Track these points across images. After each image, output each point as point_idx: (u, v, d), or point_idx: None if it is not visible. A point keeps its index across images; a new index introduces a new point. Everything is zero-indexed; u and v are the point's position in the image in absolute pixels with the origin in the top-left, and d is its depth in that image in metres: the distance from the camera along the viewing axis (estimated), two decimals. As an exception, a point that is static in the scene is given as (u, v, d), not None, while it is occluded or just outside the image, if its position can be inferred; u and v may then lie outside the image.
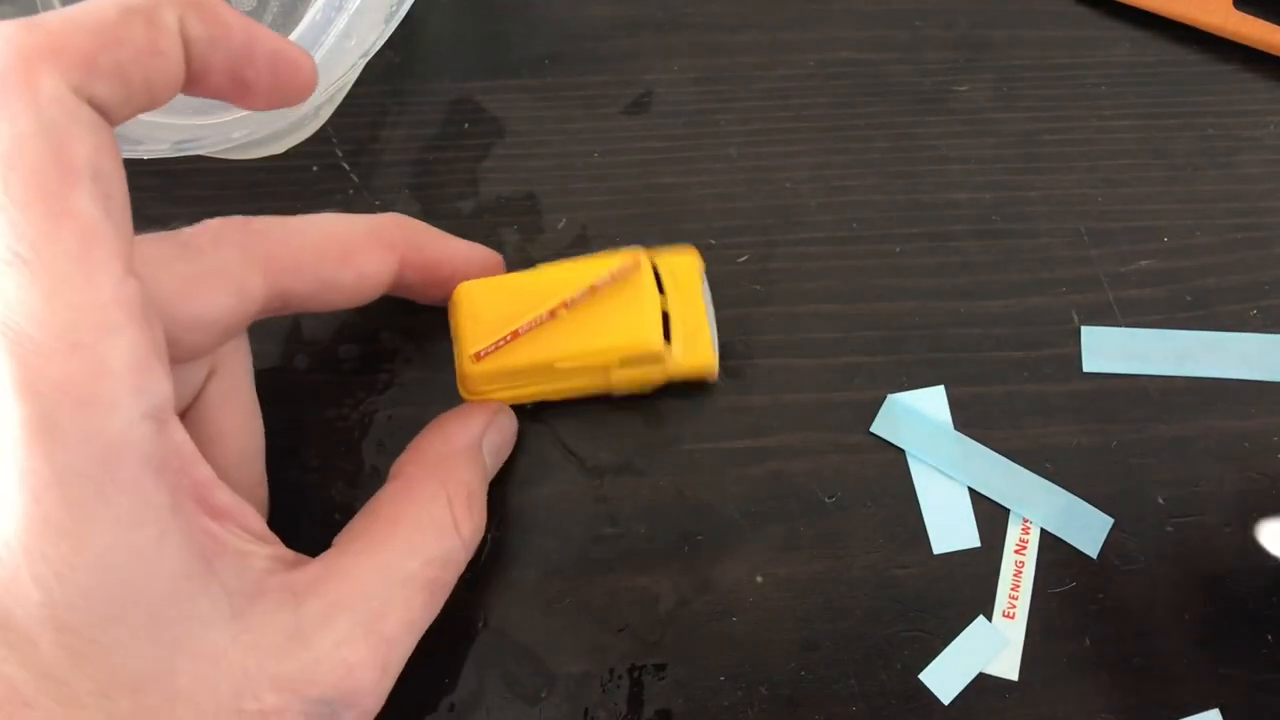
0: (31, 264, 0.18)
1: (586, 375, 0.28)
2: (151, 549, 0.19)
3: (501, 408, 0.28)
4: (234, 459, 0.26)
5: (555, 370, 0.27)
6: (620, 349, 0.27)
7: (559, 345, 0.27)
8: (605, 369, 0.27)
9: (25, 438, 0.18)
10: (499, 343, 0.27)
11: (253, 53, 0.22)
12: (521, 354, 0.27)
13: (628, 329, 0.27)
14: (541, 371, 0.27)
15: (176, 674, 0.19)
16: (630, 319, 0.27)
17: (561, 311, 0.27)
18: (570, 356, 0.27)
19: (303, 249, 0.26)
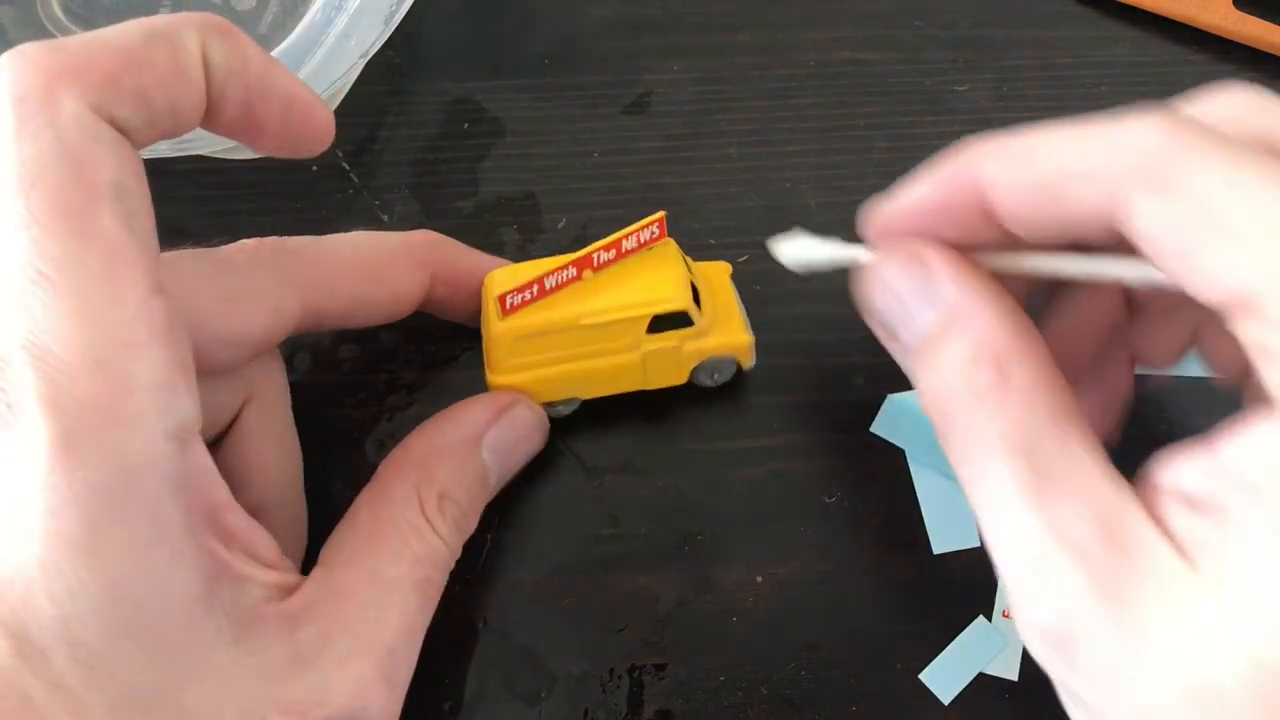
0: (56, 282, 0.18)
1: (616, 342, 0.27)
2: (164, 569, 0.19)
3: (518, 401, 0.28)
4: (273, 485, 0.27)
5: (584, 332, 0.27)
6: (648, 305, 0.27)
7: (587, 304, 0.27)
8: (636, 340, 0.27)
9: (48, 454, 0.18)
10: (526, 287, 0.26)
11: (268, 89, 0.22)
12: (549, 313, 0.27)
13: (656, 287, 0.27)
14: (570, 337, 0.27)
15: (184, 694, 0.20)
16: (658, 280, 0.27)
17: (588, 273, 0.27)
18: (598, 312, 0.27)
19: (337, 269, 0.26)
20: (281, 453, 0.27)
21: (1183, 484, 0.19)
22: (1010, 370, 0.21)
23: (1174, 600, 0.18)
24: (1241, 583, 0.18)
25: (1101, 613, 0.19)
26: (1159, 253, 0.19)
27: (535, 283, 0.26)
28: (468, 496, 0.26)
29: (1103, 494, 0.19)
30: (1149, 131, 0.19)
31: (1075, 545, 0.19)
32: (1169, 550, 0.18)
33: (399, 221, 0.33)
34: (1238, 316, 0.18)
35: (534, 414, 0.28)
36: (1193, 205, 0.19)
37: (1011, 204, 0.21)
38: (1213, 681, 0.18)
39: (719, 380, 0.29)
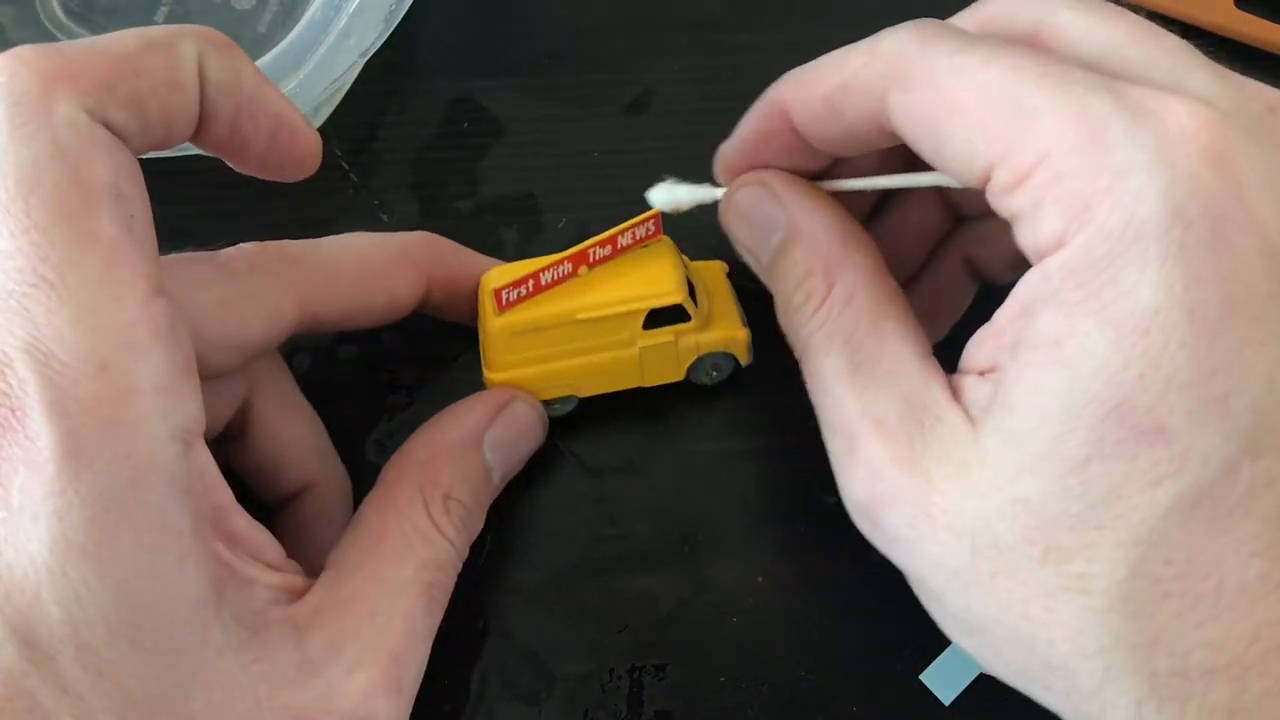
0: (57, 286, 0.18)
1: (613, 337, 0.27)
2: (170, 573, 0.19)
3: (516, 397, 0.28)
4: (311, 459, 0.27)
5: (580, 327, 0.27)
6: (644, 299, 0.27)
7: (583, 299, 0.27)
8: (632, 335, 0.27)
9: (53, 458, 0.18)
10: (521, 283, 0.26)
11: (257, 108, 0.22)
12: (544, 308, 0.27)
13: (652, 282, 0.27)
14: (566, 332, 0.27)
15: (190, 700, 0.20)
16: (654, 275, 0.27)
17: (584, 269, 0.27)
18: (593, 307, 0.27)
19: (335, 274, 0.26)
20: (305, 427, 0.28)
21: (975, 358, 0.21)
22: (836, 276, 0.23)
23: (958, 461, 0.20)
24: (1004, 429, 0.19)
25: (899, 480, 0.21)
26: (916, 144, 0.21)
27: (531, 278, 0.26)
28: (472, 496, 0.26)
29: (910, 377, 0.22)
30: (897, 38, 0.22)
31: (880, 421, 0.21)
32: (960, 418, 0.21)
33: (399, 222, 0.33)
34: (988, 191, 0.20)
35: (533, 410, 0.28)
36: (929, 94, 0.21)
37: (805, 121, 0.24)
38: (989, 529, 0.19)
39: (717, 378, 0.29)
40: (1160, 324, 0.18)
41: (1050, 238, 0.19)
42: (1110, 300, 0.18)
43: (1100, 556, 0.18)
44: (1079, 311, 0.18)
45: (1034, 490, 0.19)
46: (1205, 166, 0.18)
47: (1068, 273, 0.18)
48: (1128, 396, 0.18)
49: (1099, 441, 0.18)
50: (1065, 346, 0.18)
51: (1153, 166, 0.18)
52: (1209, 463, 0.18)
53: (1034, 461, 0.19)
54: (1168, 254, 0.18)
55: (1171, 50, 0.21)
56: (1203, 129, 0.18)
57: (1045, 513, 0.19)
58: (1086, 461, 0.18)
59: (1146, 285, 0.18)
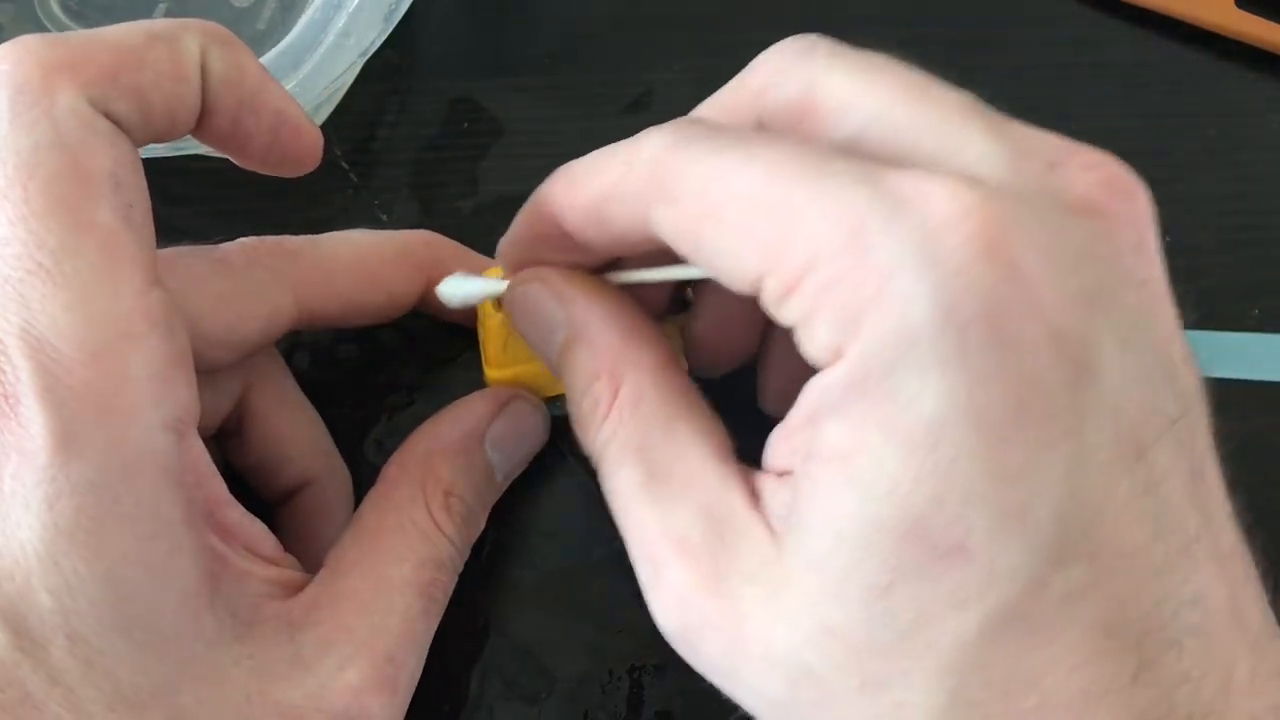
0: (53, 274, 0.18)
1: None
2: (162, 563, 0.19)
3: (518, 395, 0.27)
4: (311, 453, 0.27)
5: None
6: None
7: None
8: None
9: (45, 445, 0.18)
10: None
11: (259, 104, 0.22)
12: None
13: None
14: None
15: (180, 693, 0.20)
16: None
17: None
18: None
19: (334, 272, 0.26)
20: (304, 423, 0.27)
21: (773, 458, 0.20)
22: (622, 377, 0.22)
23: (764, 582, 0.19)
24: (804, 551, 0.18)
25: (707, 606, 0.19)
26: (687, 257, 0.20)
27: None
28: (474, 494, 0.26)
29: (709, 485, 0.20)
30: (654, 144, 0.20)
31: (682, 541, 0.20)
32: (763, 531, 0.19)
33: (398, 221, 0.33)
34: (761, 302, 0.19)
35: (534, 408, 0.28)
36: (688, 205, 0.19)
37: (574, 228, 0.22)
38: (801, 660, 0.18)
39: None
40: (948, 436, 0.16)
41: (826, 349, 0.18)
42: (894, 413, 0.17)
43: (916, 684, 0.17)
44: (863, 425, 0.17)
45: (841, 618, 0.17)
46: (974, 257, 0.16)
47: (846, 385, 0.17)
48: (923, 516, 0.17)
49: (899, 565, 0.17)
50: (853, 463, 0.17)
51: (917, 265, 0.16)
52: (1014, 579, 0.17)
53: (837, 587, 0.17)
54: (946, 360, 0.16)
55: (941, 109, 0.19)
56: (967, 215, 0.17)
57: (855, 641, 0.17)
58: (889, 587, 0.17)
59: (929, 396, 0.16)
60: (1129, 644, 0.17)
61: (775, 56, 0.22)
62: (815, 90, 0.20)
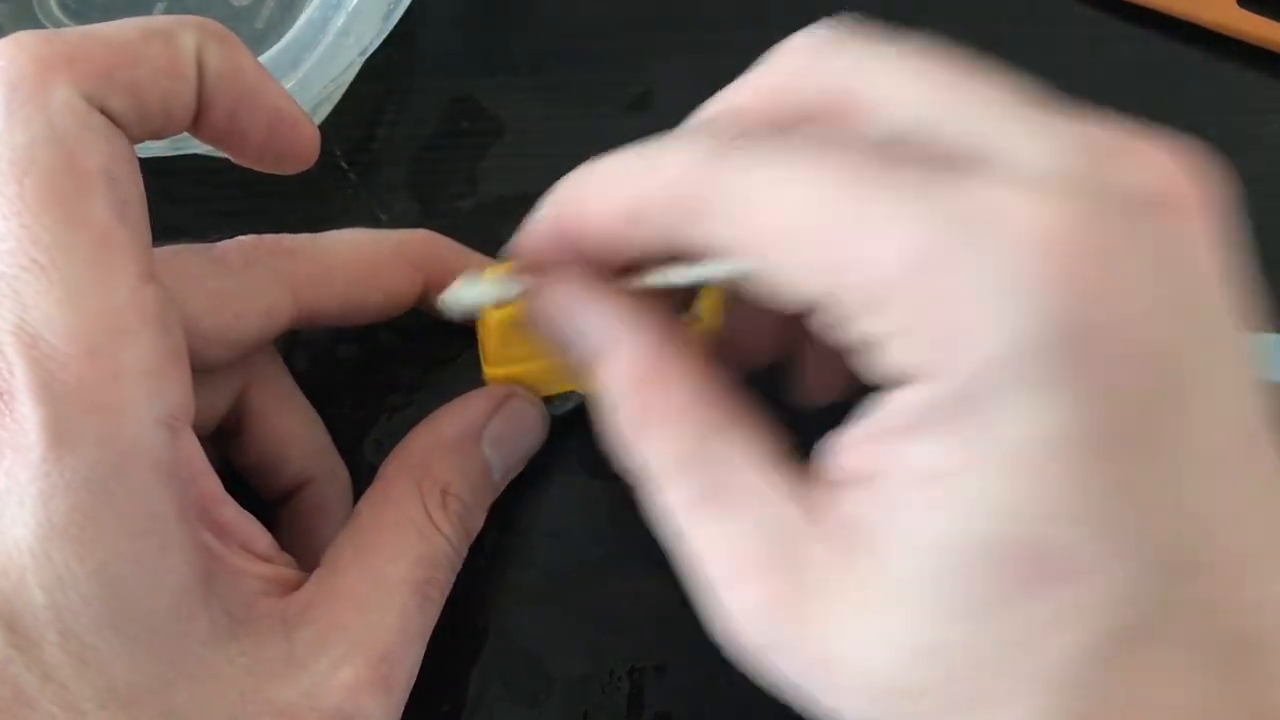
0: (48, 269, 0.18)
1: None
2: (155, 560, 0.19)
3: (516, 393, 0.27)
4: (310, 453, 0.27)
5: None
6: None
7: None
8: None
9: (39, 441, 0.18)
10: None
11: (257, 101, 0.22)
12: None
13: None
14: None
15: (174, 691, 0.19)
16: None
17: None
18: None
19: (332, 272, 0.26)
20: (303, 422, 0.27)
21: (844, 466, 0.19)
22: (668, 388, 0.20)
23: (846, 598, 0.18)
24: (896, 565, 0.17)
25: (783, 626, 0.18)
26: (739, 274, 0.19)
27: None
28: (472, 492, 0.26)
29: (769, 496, 0.19)
30: (682, 158, 0.19)
31: (750, 556, 0.19)
32: (836, 542, 0.18)
33: (398, 221, 0.33)
34: (817, 324, 0.18)
35: (533, 406, 0.28)
36: (733, 225, 0.18)
37: (602, 239, 0.21)
38: (896, 682, 0.17)
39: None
40: (1054, 456, 0.16)
41: (904, 369, 0.17)
42: (996, 435, 0.16)
43: (1021, 703, 0.17)
44: (964, 445, 0.16)
45: (942, 638, 0.17)
46: (1062, 275, 0.16)
47: (940, 406, 0.17)
48: (1031, 536, 0.16)
49: (1006, 585, 0.16)
50: (954, 483, 0.17)
51: (1005, 286, 0.16)
52: (1126, 597, 0.16)
53: (938, 607, 0.17)
54: (1045, 381, 0.16)
55: (991, 101, 0.18)
56: (1049, 230, 0.16)
57: (957, 661, 0.17)
58: (996, 607, 0.17)
59: (1031, 417, 0.16)
60: (1235, 651, 0.17)
61: (801, 46, 0.21)
62: (852, 84, 0.19)
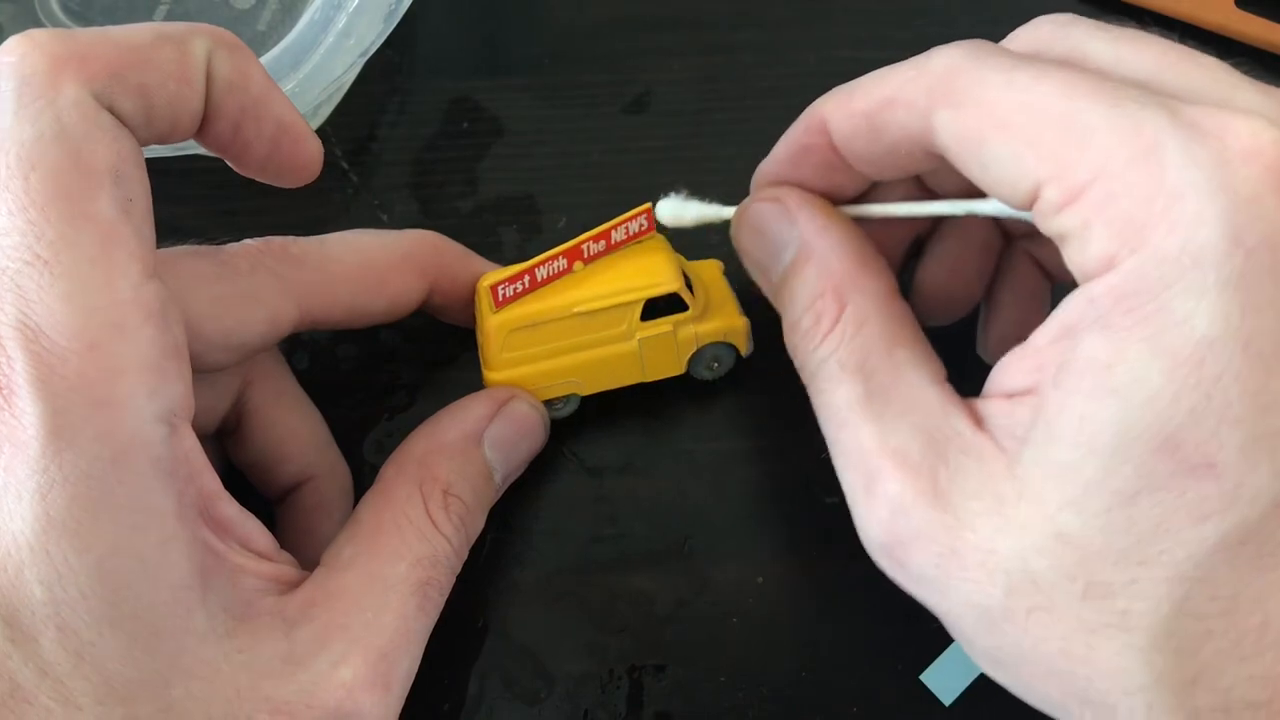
0: (51, 264, 0.19)
1: (611, 330, 0.27)
2: (153, 555, 0.19)
3: (516, 395, 0.27)
4: (311, 450, 0.27)
5: (578, 321, 0.27)
6: (641, 289, 0.27)
7: (579, 292, 0.27)
8: (631, 328, 0.27)
9: (38, 436, 0.18)
10: (517, 278, 0.26)
11: (262, 112, 0.22)
12: (541, 303, 0.27)
13: (647, 273, 0.27)
14: (564, 326, 0.27)
15: (170, 687, 0.20)
16: (650, 266, 0.27)
17: (579, 265, 0.27)
18: (590, 299, 0.27)
19: (338, 278, 0.26)
20: (303, 419, 0.28)
21: (1006, 382, 0.20)
22: (848, 299, 0.23)
23: (990, 494, 0.19)
24: (1046, 460, 0.19)
25: (924, 517, 0.20)
26: (962, 163, 0.21)
27: (526, 274, 0.26)
28: (472, 494, 0.26)
29: (930, 406, 0.21)
30: (948, 56, 0.21)
31: (901, 454, 0.20)
32: (991, 448, 0.20)
33: (398, 221, 0.33)
34: (1035, 211, 0.19)
35: (533, 409, 0.28)
36: (977, 110, 0.20)
37: (845, 138, 0.23)
38: (1025, 566, 0.19)
39: (719, 370, 0.29)
40: (1215, 355, 0.17)
41: (1100, 259, 0.18)
42: (1163, 328, 0.17)
43: (1144, 593, 0.18)
44: (1130, 338, 0.18)
45: (1078, 525, 0.18)
46: (1268, 189, 0.17)
47: (1118, 297, 0.18)
48: (1179, 430, 0.17)
49: (1148, 475, 0.17)
50: (1115, 374, 0.18)
51: (1211, 189, 0.17)
52: (1258, 500, 0.17)
53: (1080, 495, 0.18)
54: (1226, 282, 0.17)
55: (1210, 69, 0.20)
56: (1266, 148, 0.17)
57: (1089, 548, 0.18)
58: (1135, 495, 0.18)
59: (1202, 314, 0.17)
60: None
61: (1033, 29, 0.23)
62: (1082, 54, 0.21)
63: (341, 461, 0.28)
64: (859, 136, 0.23)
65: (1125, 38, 0.21)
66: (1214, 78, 0.20)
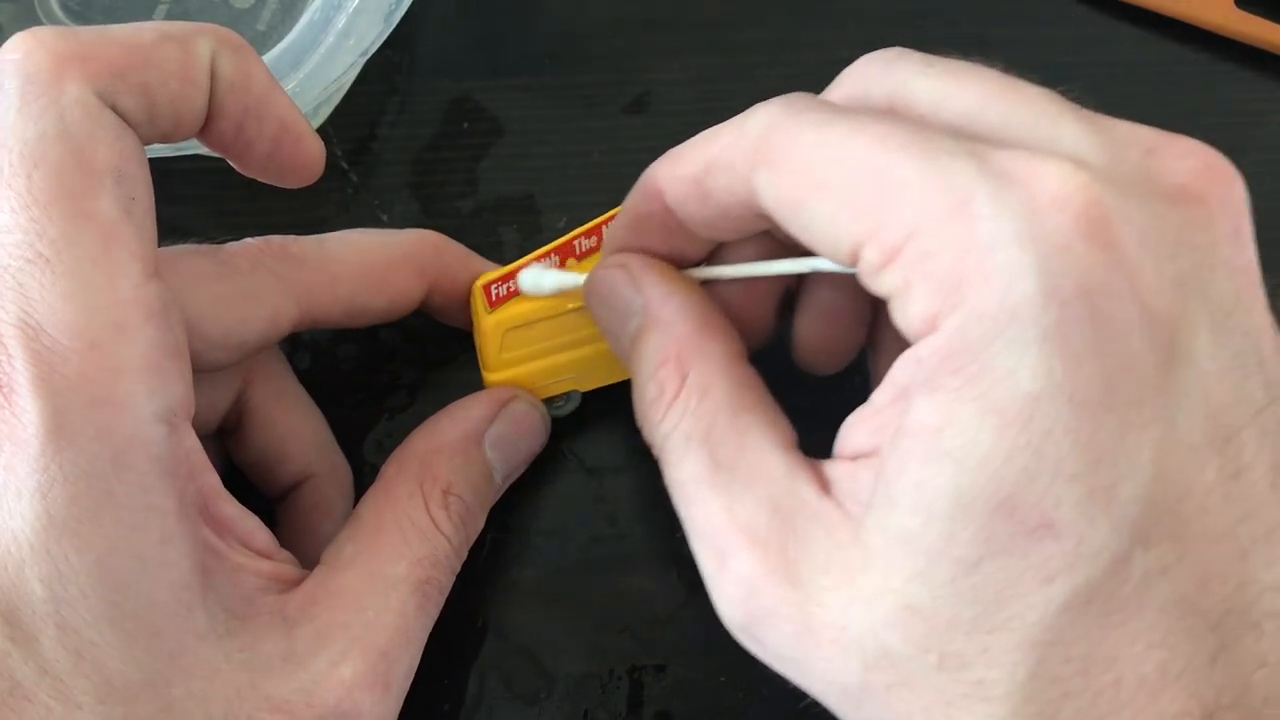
0: (53, 263, 0.19)
1: None
2: (153, 554, 0.19)
3: (517, 396, 0.27)
4: (311, 449, 0.27)
5: (573, 317, 0.27)
6: None
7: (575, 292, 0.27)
8: None
9: (38, 434, 0.18)
10: (510, 276, 0.26)
11: (264, 112, 0.22)
12: (536, 301, 0.27)
13: None
14: (559, 324, 0.27)
15: (171, 686, 0.20)
16: None
17: (571, 261, 0.27)
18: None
19: (338, 278, 0.26)
20: (303, 418, 0.27)
21: (851, 443, 0.20)
22: (691, 366, 0.22)
23: (838, 566, 0.19)
24: (888, 528, 0.18)
25: (777, 594, 0.19)
26: (785, 224, 0.20)
27: (518, 272, 0.26)
28: (473, 493, 0.26)
29: (776, 475, 0.20)
30: (765, 114, 0.20)
31: (749, 529, 0.20)
32: (837, 516, 0.19)
33: (398, 221, 0.33)
34: (859, 272, 0.19)
35: (534, 409, 0.28)
36: (793, 171, 0.19)
37: (677, 203, 0.22)
38: (879, 640, 0.18)
39: None
40: (1042, 411, 0.17)
41: (922, 319, 0.18)
42: (989, 387, 0.17)
43: (998, 661, 0.17)
44: (957, 399, 0.17)
45: (925, 595, 0.17)
46: (1078, 236, 0.17)
47: (942, 357, 0.17)
48: (1014, 490, 0.17)
49: (989, 540, 0.17)
50: (946, 437, 0.17)
51: (1022, 240, 0.17)
52: (1100, 556, 0.17)
53: (924, 564, 0.17)
54: (1045, 336, 0.17)
55: (1034, 103, 0.19)
56: (1074, 194, 0.17)
57: (938, 618, 0.17)
58: (978, 562, 0.17)
59: (1025, 370, 0.17)
60: (1209, 625, 0.17)
61: (860, 69, 0.22)
62: (905, 93, 0.20)
63: (342, 461, 0.28)
64: (690, 201, 0.22)
65: (950, 73, 0.20)
66: (1038, 111, 0.19)
